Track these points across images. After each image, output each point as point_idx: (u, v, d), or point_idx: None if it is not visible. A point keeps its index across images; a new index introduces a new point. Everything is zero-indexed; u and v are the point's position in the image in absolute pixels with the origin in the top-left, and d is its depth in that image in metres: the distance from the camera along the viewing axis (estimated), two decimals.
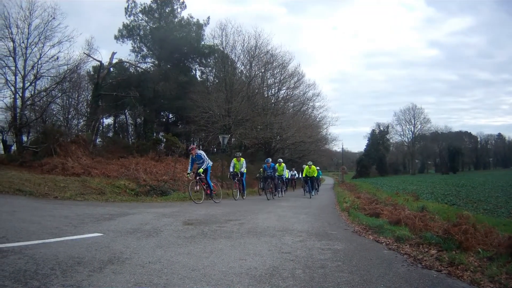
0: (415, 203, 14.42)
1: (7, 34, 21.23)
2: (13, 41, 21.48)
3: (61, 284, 3.43)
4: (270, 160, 20.16)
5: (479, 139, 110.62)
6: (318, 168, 26.12)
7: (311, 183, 22.17)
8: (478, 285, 4.04)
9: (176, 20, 36.41)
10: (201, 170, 13.52)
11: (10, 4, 22.24)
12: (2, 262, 3.98)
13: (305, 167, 22.76)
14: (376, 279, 4.15)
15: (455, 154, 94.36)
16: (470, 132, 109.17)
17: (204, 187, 13.81)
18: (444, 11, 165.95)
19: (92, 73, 31.52)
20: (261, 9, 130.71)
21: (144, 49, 36.49)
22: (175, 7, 36.56)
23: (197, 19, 36.71)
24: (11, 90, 21.90)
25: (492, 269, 4.38)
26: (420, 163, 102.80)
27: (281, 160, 21.63)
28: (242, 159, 17.38)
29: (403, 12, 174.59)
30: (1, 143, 22.35)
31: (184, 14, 37.53)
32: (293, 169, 34.42)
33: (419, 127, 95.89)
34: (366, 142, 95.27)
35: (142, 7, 35.43)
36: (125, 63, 33.98)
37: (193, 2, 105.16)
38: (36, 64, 22.48)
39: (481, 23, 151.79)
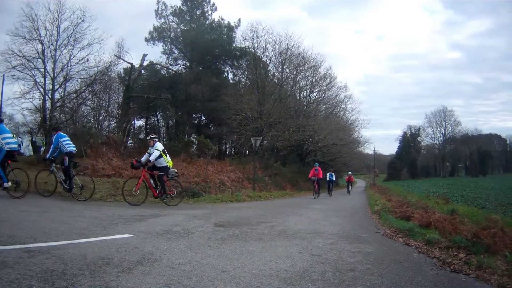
0: (445, 206, 14.11)
1: (36, 36, 21.23)
2: (42, 43, 21.50)
3: (89, 285, 3.41)
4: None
5: (508, 142, 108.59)
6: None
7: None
8: None
9: (207, 22, 36.53)
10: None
11: (37, 7, 22.06)
12: (29, 262, 3.95)
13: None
14: (405, 282, 4.20)
15: (485, 157, 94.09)
16: (500, 135, 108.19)
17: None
18: (463, 13, 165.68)
19: (123, 75, 31.91)
20: (284, 13, 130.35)
21: (175, 51, 36.77)
22: (206, 9, 36.77)
23: (228, 22, 36.73)
24: (40, 92, 21.96)
25: None
26: (450, 166, 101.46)
27: None
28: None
29: (424, 16, 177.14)
30: (31, 144, 22.56)
31: (215, 16, 37.78)
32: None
33: (449, 129, 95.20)
34: (398, 144, 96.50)
35: (173, 10, 35.78)
36: (156, 65, 34.26)
37: (222, 6, 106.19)
38: (65, 66, 22.51)
39: (501, 25, 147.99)
